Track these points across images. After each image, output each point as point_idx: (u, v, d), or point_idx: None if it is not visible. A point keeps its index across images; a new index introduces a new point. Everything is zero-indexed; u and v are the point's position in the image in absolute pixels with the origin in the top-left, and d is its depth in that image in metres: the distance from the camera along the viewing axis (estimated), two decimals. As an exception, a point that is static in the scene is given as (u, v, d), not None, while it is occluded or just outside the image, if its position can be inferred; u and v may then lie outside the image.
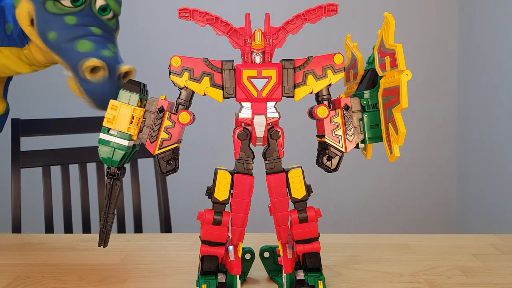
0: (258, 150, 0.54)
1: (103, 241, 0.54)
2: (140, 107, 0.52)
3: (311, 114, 0.54)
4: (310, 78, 0.53)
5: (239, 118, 0.52)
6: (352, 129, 0.53)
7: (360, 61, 0.59)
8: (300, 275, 0.55)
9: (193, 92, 0.53)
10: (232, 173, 0.53)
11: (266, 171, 0.53)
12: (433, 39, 1.98)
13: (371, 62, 0.56)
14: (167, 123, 0.52)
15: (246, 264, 0.60)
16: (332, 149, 0.53)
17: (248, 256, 0.60)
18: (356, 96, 0.54)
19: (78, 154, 1.17)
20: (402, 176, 2.01)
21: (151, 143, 0.52)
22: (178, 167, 0.53)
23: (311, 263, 0.54)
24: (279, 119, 0.53)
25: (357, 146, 0.55)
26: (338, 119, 0.53)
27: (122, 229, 1.18)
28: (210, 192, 0.53)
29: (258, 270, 0.62)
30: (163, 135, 0.52)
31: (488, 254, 0.70)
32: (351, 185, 2.01)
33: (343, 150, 0.53)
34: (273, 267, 0.61)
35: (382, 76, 0.52)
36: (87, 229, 1.16)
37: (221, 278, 0.54)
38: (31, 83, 1.25)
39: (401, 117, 0.49)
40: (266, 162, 0.53)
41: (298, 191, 0.53)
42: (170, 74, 0.52)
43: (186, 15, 0.52)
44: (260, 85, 0.51)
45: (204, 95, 0.53)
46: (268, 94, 0.52)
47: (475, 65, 1.86)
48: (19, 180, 1.09)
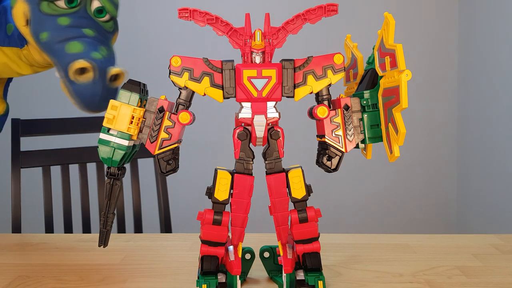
0: (258, 150, 0.54)
1: (103, 241, 0.54)
2: (140, 107, 0.52)
3: (311, 114, 0.54)
4: (310, 78, 0.52)
5: (239, 118, 0.52)
6: (352, 129, 0.53)
7: (360, 61, 0.59)
8: (300, 275, 0.55)
9: (193, 92, 0.53)
10: (232, 173, 0.53)
11: (266, 171, 0.53)
12: (433, 39, 1.98)
13: (371, 62, 0.56)
14: (167, 123, 0.52)
15: (246, 264, 0.60)
16: (332, 149, 0.53)
17: (248, 256, 0.60)
18: (356, 96, 0.54)
19: (78, 154, 1.17)
20: (402, 176, 2.01)
21: (151, 143, 0.52)
22: (178, 167, 0.53)
23: (311, 263, 0.54)
24: (279, 119, 0.53)
25: (357, 146, 0.55)
26: (338, 119, 0.53)
27: (122, 229, 1.18)
28: (210, 192, 0.53)
29: (258, 270, 0.62)
30: (163, 135, 0.52)
31: (488, 254, 0.70)
32: (351, 185, 2.01)
33: (343, 150, 0.53)
34: (273, 267, 0.61)
35: (382, 76, 0.52)
36: (87, 229, 1.16)
37: (221, 278, 0.54)
38: (31, 83, 1.25)
39: (401, 117, 0.49)
40: (266, 162, 0.53)
41: (298, 191, 0.53)
42: (170, 74, 0.52)
43: (186, 15, 0.51)
44: (260, 85, 0.51)
45: (204, 95, 0.53)
46: (268, 94, 0.52)
47: (475, 65, 1.86)
48: (19, 180, 1.09)
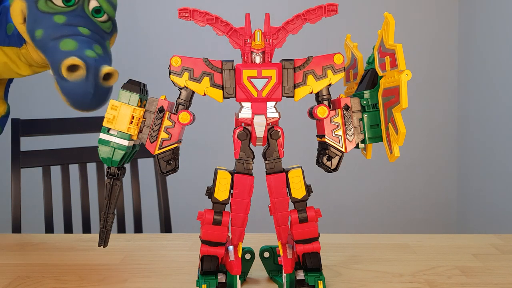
0: (258, 150, 0.54)
1: (103, 241, 0.54)
2: (140, 107, 0.52)
3: (311, 114, 0.54)
4: (310, 78, 0.52)
5: (239, 118, 0.52)
6: (352, 129, 0.53)
7: (360, 61, 0.59)
8: (300, 275, 0.55)
9: (193, 92, 0.53)
10: (232, 173, 0.53)
11: (266, 171, 0.53)
12: (433, 39, 1.98)
13: (371, 62, 0.56)
14: (167, 123, 0.52)
15: (246, 264, 0.60)
16: (332, 149, 0.53)
17: (248, 256, 0.60)
18: (356, 96, 0.54)
19: (78, 154, 1.17)
20: (402, 176, 2.01)
21: (151, 143, 0.52)
22: (178, 167, 0.53)
23: (311, 263, 0.54)
24: (279, 119, 0.53)
25: (357, 146, 0.55)
26: (338, 119, 0.53)
27: (122, 229, 1.18)
28: (210, 192, 0.53)
29: (258, 270, 0.62)
30: (163, 135, 0.52)
31: (488, 254, 0.70)
32: (351, 185, 2.01)
33: (343, 150, 0.53)
34: (273, 267, 0.61)
35: (382, 76, 0.52)
36: (87, 229, 1.16)
37: (221, 278, 0.54)
38: (31, 83, 1.25)
39: (401, 117, 0.49)
40: (266, 162, 0.53)
41: (298, 191, 0.53)
42: (170, 74, 0.52)
43: (186, 15, 0.51)
44: (260, 85, 0.51)
45: (204, 95, 0.53)
46: (268, 94, 0.52)
47: (475, 65, 1.86)
48: (19, 180, 1.09)
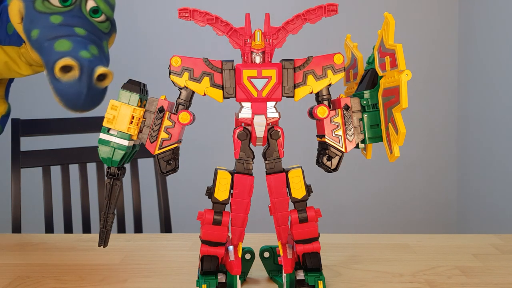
0: (258, 150, 0.54)
1: (103, 241, 0.54)
2: (140, 107, 0.52)
3: (311, 114, 0.54)
4: (310, 78, 0.52)
5: (239, 118, 0.52)
6: (352, 129, 0.53)
7: (360, 61, 0.59)
8: (300, 275, 0.55)
9: (193, 92, 0.53)
10: (232, 173, 0.53)
11: (266, 171, 0.53)
12: (433, 39, 1.98)
13: (371, 62, 0.56)
14: (167, 123, 0.52)
15: (246, 264, 0.60)
16: (332, 149, 0.53)
17: (248, 256, 0.60)
18: (356, 96, 0.54)
19: (78, 154, 1.17)
20: (402, 176, 2.01)
21: (151, 143, 0.52)
22: (178, 167, 0.53)
23: (311, 263, 0.54)
24: (279, 119, 0.53)
25: (357, 146, 0.55)
26: (338, 119, 0.53)
27: (122, 229, 1.18)
28: (210, 192, 0.53)
29: (258, 270, 0.62)
30: (163, 135, 0.52)
31: (488, 254, 0.70)
32: (351, 185, 2.01)
33: (343, 150, 0.53)
34: (273, 267, 0.61)
35: (382, 76, 0.52)
36: (87, 229, 1.16)
37: (221, 278, 0.54)
38: (31, 83, 1.25)
39: (401, 117, 0.49)
40: (266, 162, 0.53)
41: (298, 191, 0.53)
42: (170, 74, 0.52)
43: (186, 15, 0.51)
44: (260, 85, 0.51)
45: (204, 95, 0.53)
46: (268, 94, 0.52)
47: (475, 65, 1.86)
48: (19, 180, 1.09)
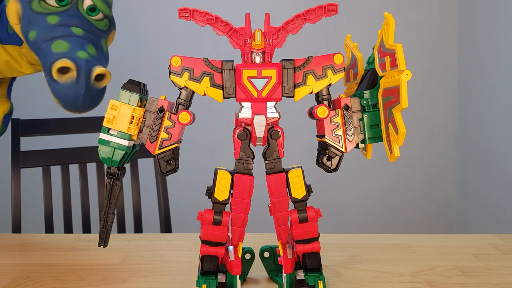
0: (258, 150, 0.54)
1: (103, 241, 0.54)
2: (140, 107, 0.52)
3: (311, 114, 0.54)
4: (310, 78, 0.52)
5: (239, 118, 0.52)
6: (352, 129, 0.53)
7: (360, 61, 0.59)
8: (300, 275, 0.55)
9: (193, 92, 0.53)
10: (232, 173, 0.53)
11: (266, 171, 0.53)
12: (433, 39, 1.98)
13: (371, 62, 0.56)
14: (167, 123, 0.52)
15: (246, 264, 0.60)
16: (332, 149, 0.53)
17: (248, 256, 0.60)
18: (356, 96, 0.54)
19: (78, 154, 1.17)
20: (402, 176, 2.01)
21: (151, 143, 0.52)
22: (178, 167, 0.53)
23: (311, 263, 0.54)
24: (279, 119, 0.53)
25: (357, 146, 0.55)
26: (338, 119, 0.53)
27: (122, 229, 1.18)
28: (210, 192, 0.53)
29: (258, 270, 0.62)
30: (163, 135, 0.52)
31: (488, 254, 0.70)
32: (351, 185, 2.01)
33: (343, 150, 0.53)
34: (273, 267, 0.61)
35: (382, 76, 0.52)
36: (87, 229, 1.16)
37: (221, 278, 0.54)
38: (31, 83, 1.25)
39: (401, 117, 0.49)
40: (266, 162, 0.53)
41: (298, 191, 0.53)
42: (170, 74, 0.52)
43: (186, 15, 0.51)
44: (260, 85, 0.51)
45: (204, 95, 0.53)
46: (268, 94, 0.52)
47: (475, 65, 1.86)
48: (19, 180, 1.09)
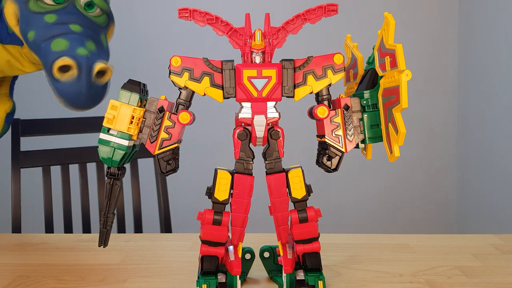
0: (258, 150, 0.54)
1: (103, 241, 0.54)
2: (140, 107, 0.52)
3: (311, 114, 0.54)
4: (310, 78, 0.52)
5: (239, 118, 0.52)
6: (352, 129, 0.53)
7: (360, 61, 0.59)
8: (300, 275, 0.55)
9: (193, 92, 0.53)
10: (232, 173, 0.53)
11: (266, 171, 0.53)
12: (433, 39, 1.98)
13: (371, 62, 0.56)
14: (167, 123, 0.52)
15: (246, 264, 0.60)
16: (332, 149, 0.53)
17: (248, 256, 0.60)
18: (356, 96, 0.54)
19: (78, 154, 1.17)
20: (402, 176, 2.01)
21: (151, 143, 0.52)
22: (178, 167, 0.53)
23: (311, 263, 0.54)
24: (279, 119, 0.53)
25: (357, 146, 0.55)
26: (338, 119, 0.53)
27: (122, 229, 1.18)
28: (210, 192, 0.53)
29: (258, 270, 0.62)
30: (163, 135, 0.52)
31: (488, 254, 0.70)
32: (351, 185, 2.01)
33: (343, 150, 0.53)
34: (273, 267, 0.61)
35: (382, 76, 0.52)
36: (87, 229, 1.16)
37: (221, 278, 0.54)
38: (31, 83, 1.25)
39: (401, 117, 0.49)
40: (266, 162, 0.53)
41: (298, 191, 0.53)
42: (170, 74, 0.52)
43: (186, 15, 0.51)
44: (260, 85, 0.51)
45: (204, 95, 0.53)
46: (268, 94, 0.52)
47: (475, 65, 1.86)
48: (19, 180, 1.09)
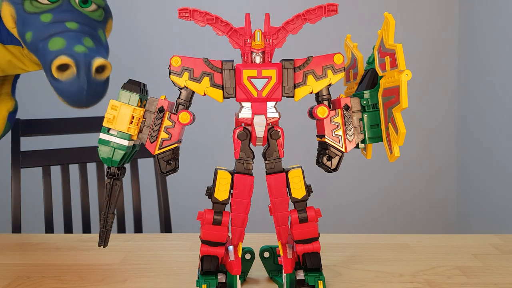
0: (258, 150, 0.54)
1: (103, 241, 0.54)
2: (140, 107, 0.52)
3: (311, 114, 0.54)
4: (310, 78, 0.52)
5: (239, 118, 0.52)
6: (352, 129, 0.53)
7: (360, 61, 0.59)
8: (300, 275, 0.55)
9: (193, 92, 0.53)
10: (232, 173, 0.53)
11: (266, 171, 0.53)
12: (433, 39, 1.98)
13: (371, 62, 0.56)
14: (167, 123, 0.52)
15: (246, 264, 0.60)
16: (332, 149, 0.53)
17: (248, 256, 0.60)
18: (356, 96, 0.54)
19: (78, 154, 1.17)
20: (402, 176, 2.01)
21: (151, 143, 0.52)
22: (178, 167, 0.53)
23: (311, 263, 0.54)
24: (279, 119, 0.53)
25: (357, 146, 0.55)
26: (338, 119, 0.53)
27: (122, 229, 1.18)
28: (210, 192, 0.53)
29: (258, 270, 0.62)
30: (163, 135, 0.52)
31: (488, 254, 0.70)
32: (351, 185, 2.01)
33: (343, 150, 0.53)
34: (273, 267, 0.61)
35: (382, 76, 0.52)
36: (87, 229, 1.16)
37: (221, 278, 0.54)
38: (31, 83, 1.25)
39: (401, 117, 0.49)
40: (266, 162, 0.53)
41: (298, 191, 0.53)
42: (170, 74, 0.52)
43: (186, 15, 0.51)
44: (260, 85, 0.51)
45: (204, 95, 0.53)
46: (268, 94, 0.52)
47: (475, 65, 1.86)
48: (19, 180, 1.09)
